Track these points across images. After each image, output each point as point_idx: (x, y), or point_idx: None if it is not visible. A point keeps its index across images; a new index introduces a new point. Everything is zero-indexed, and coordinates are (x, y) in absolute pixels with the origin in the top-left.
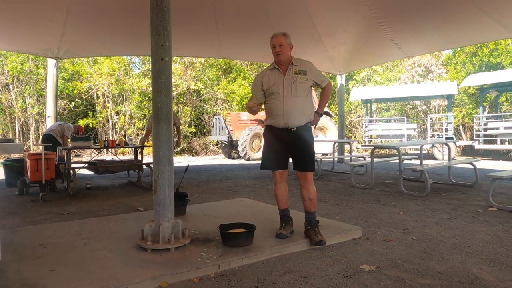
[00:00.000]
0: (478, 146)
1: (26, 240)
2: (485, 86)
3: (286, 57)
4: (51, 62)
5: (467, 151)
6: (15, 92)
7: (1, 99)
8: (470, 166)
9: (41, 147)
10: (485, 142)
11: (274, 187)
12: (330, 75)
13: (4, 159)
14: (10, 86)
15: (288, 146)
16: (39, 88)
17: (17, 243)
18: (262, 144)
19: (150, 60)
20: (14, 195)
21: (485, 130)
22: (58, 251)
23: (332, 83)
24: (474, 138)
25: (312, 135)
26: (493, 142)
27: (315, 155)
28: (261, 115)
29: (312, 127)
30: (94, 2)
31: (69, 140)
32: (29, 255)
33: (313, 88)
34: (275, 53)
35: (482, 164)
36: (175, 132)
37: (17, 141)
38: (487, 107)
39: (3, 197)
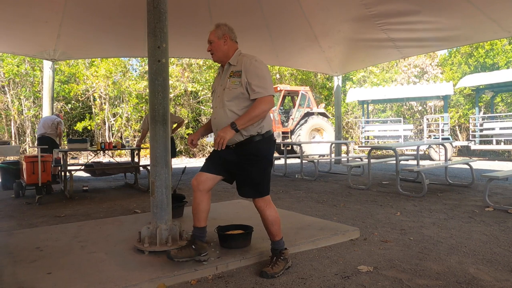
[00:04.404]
0: (474, 146)
1: (22, 243)
2: (481, 86)
3: (219, 55)
4: (47, 64)
5: (463, 151)
6: (11, 95)
7: None
8: (466, 166)
9: (37, 149)
10: (481, 142)
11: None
12: (327, 76)
13: (0, 162)
14: (6, 89)
15: (228, 163)
16: (35, 90)
17: (13, 246)
18: None
19: (147, 61)
20: (10, 198)
21: (481, 130)
22: (55, 254)
23: (272, 103)
24: (470, 138)
25: (262, 152)
26: (489, 142)
27: (268, 175)
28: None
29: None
30: (90, 4)
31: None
32: (26, 258)
33: (310, 90)
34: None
35: (478, 164)
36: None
37: (13, 143)
38: (483, 107)
39: None
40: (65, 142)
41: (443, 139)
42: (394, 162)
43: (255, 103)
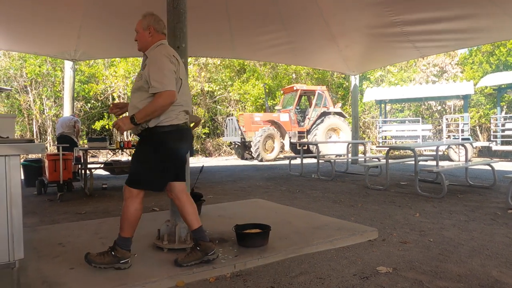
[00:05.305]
0: (495, 147)
1: (46, 239)
2: (503, 86)
3: (141, 46)
4: (68, 64)
5: (484, 152)
6: (33, 94)
7: (19, 101)
8: (487, 167)
9: (59, 147)
10: (503, 143)
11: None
12: (344, 75)
13: (23, 160)
14: (29, 88)
15: None
16: (56, 90)
17: (36, 242)
18: (275, 145)
19: None
20: (32, 194)
21: (503, 131)
22: (77, 250)
23: (175, 93)
24: (492, 139)
25: (146, 144)
26: (511, 143)
27: (162, 171)
28: (274, 115)
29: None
30: (109, 4)
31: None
32: (49, 254)
33: (326, 90)
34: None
35: (500, 165)
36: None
37: (36, 142)
38: (505, 107)
39: (22, 197)
40: (85, 141)
41: (463, 139)
42: (412, 162)
43: (153, 98)
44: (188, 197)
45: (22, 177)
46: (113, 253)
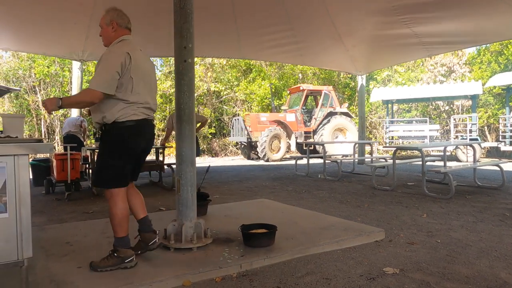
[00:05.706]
0: (504, 147)
1: (53, 238)
2: None
3: (105, 42)
4: (76, 65)
5: (493, 152)
6: (42, 94)
7: (28, 101)
8: (496, 168)
9: (67, 147)
10: (511, 143)
11: None
12: (350, 75)
13: (31, 159)
14: (37, 89)
15: None
16: (65, 90)
17: (44, 241)
18: (281, 145)
19: (173, 61)
20: (40, 194)
21: None
22: (84, 249)
23: (99, 95)
24: (500, 139)
25: (104, 140)
26: None
27: (116, 166)
28: (280, 115)
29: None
30: (117, 5)
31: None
32: (56, 253)
33: (333, 90)
34: None
35: (509, 166)
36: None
37: (44, 142)
38: None
39: (30, 196)
40: (93, 141)
41: (471, 139)
42: (420, 163)
43: (82, 90)
44: (133, 191)
45: (31, 177)
46: (115, 254)
